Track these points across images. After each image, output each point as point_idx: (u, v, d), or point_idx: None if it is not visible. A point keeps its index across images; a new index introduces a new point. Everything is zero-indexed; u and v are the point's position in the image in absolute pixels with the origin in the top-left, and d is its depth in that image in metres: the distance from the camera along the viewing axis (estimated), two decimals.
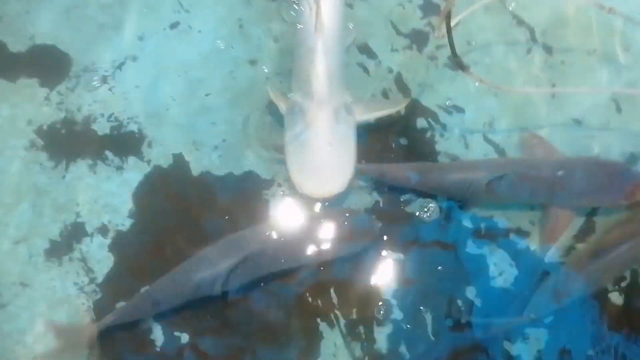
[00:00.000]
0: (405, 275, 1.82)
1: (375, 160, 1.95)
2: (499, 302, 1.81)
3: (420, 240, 1.86)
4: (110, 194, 1.96)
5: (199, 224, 1.90)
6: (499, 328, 1.78)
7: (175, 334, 1.79)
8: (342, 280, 1.82)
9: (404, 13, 2.17)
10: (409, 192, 1.91)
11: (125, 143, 2.02)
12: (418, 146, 2.00)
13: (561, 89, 2.04)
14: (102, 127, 2.03)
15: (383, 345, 1.78)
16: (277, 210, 1.91)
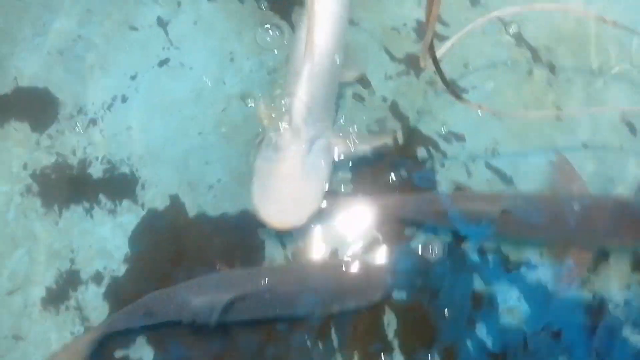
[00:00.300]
0: (411, 319, 1.75)
1: (373, 194, 1.88)
2: (510, 341, 1.72)
3: (426, 280, 1.78)
4: (104, 239, 1.93)
5: (195, 268, 1.85)
6: None
7: None
8: (342, 322, 1.76)
9: (398, 37, 2.11)
10: (411, 227, 1.85)
11: (118, 186, 1.99)
12: (418, 177, 1.93)
13: (566, 112, 1.94)
14: (95, 170, 2.00)
15: None
16: (274, 251, 1.85)
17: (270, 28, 2.12)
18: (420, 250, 1.81)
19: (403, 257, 1.80)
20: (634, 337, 1.73)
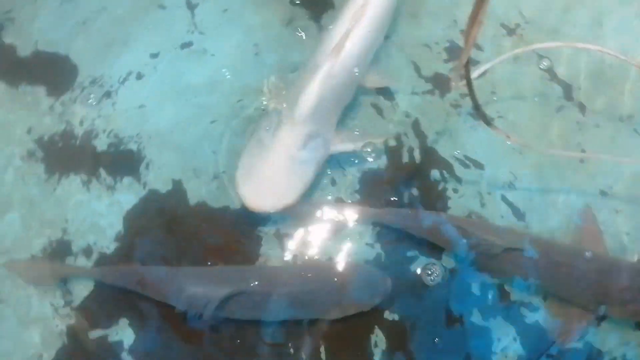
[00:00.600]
0: (400, 343, 1.69)
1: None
2: None
3: (421, 304, 1.72)
4: (99, 214, 1.90)
5: (187, 257, 1.80)
6: None
7: None
8: (333, 342, 1.69)
9: (428, 55, 2.06)
10: (414, 249, 1.78)
11: (122, 162, 1.95)
12: (429, 198, 1.87)
13: (592, 156, 1.87)
14: (100, 143, 1.98)
15: None
16: (269, 252, 1.80)
17: (299, 25, 2.08)
18: (419, 272, 1.74)
19: (402, 277, 1.74)
20: None
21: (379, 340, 1.69)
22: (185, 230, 1.85)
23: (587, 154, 1.89)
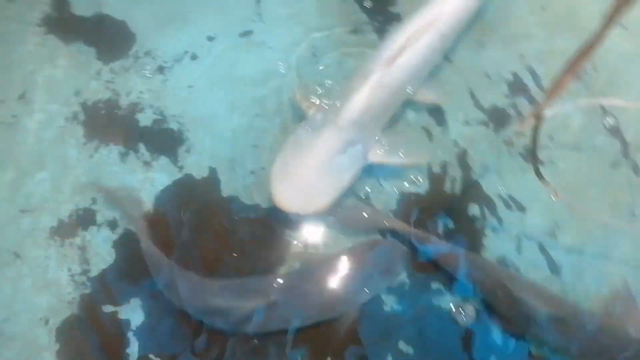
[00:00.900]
0: None
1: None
2: None
3: (449, 346, 1.66)
4: (131, 188, 1.85)
5: (210, 248, 1.77)
6: None
7: None
8: None
9: (489, 86, 1.99)
10: (442, 281, 1.73)
11: (162, 141, 1.93)
12: (465, 233, 1.81)
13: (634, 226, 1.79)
14: (145, 117, 1.95)
15: None
16: (292, 257, 1.76)
17: (361, 34, 2.02)
18: (453, 309, 1.69)
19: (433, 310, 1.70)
20: None
21: None
22: (211, 220, 1.81)
23: (633, 224, 1.80)
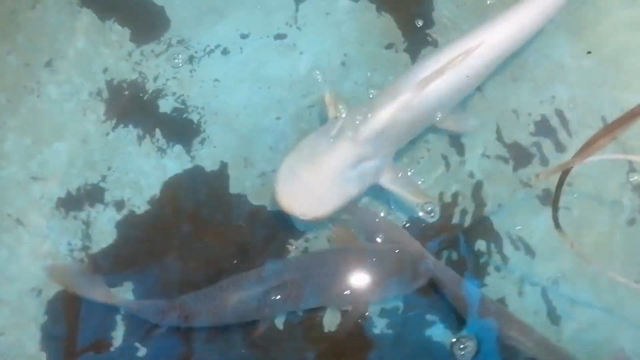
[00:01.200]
0: None
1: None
2: None
3: None
4: (142, 172, 1.88)
5: (210, 244, 1.77)
6: None
7: None
8: None
9: (514, 122, 1.96)
10: (446, 314, 1.69)
11: (179, 129, 1.93)
12: (467, 267, 1.77)
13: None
14: (166, 104, 1.96)
15: None
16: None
17: (395, 51, 2.00)
18: (452, 341, 1.66)
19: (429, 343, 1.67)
20: None
21: None
22: (215, 214, 1.81)
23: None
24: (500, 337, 1.61)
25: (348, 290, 1.65)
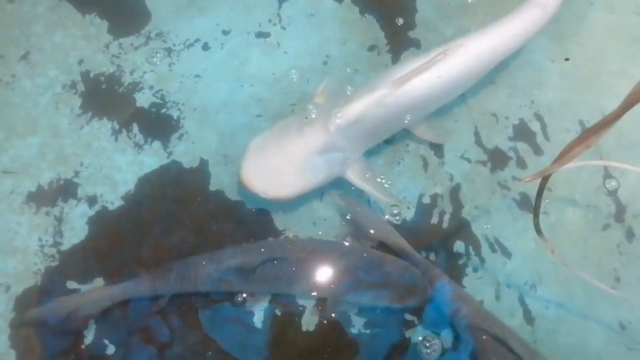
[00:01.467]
0: None
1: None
2: None
3: None
4: (117, 167, 1.84)
5: (187, 241, 1.74)
6: None
7: None
8: None
9: (493, 126, 1.98)
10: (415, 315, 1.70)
11: (158, 125, 1.90)
12: (445, 268, 1.77)
13: (623, 295, 1.73)
14: (143, 98, 1.92)
15: None
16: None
17: (377, 53, 2.00)
18: (418, 341, 1.66)
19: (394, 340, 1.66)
20: None
21: None
22: (193, 210, 1.78)
23: (617, 293, 1.73)
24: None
25: (331, 283, 1.65)
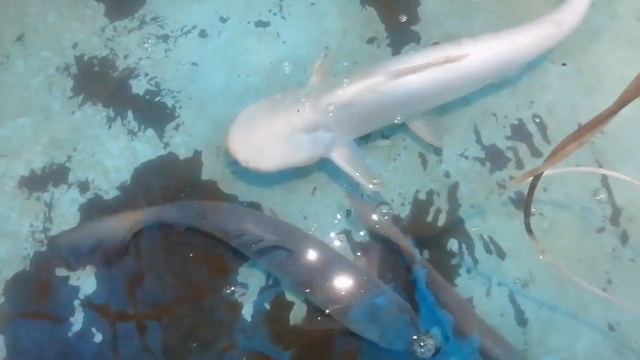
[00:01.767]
0: None
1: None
2: None
3: None
4: (109, 154, 1.82)
5: (177, 230, 1.71)
6: None
7: None
8: None
9: (493, 125, 1.97)
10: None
11: (153, 113, 1.88)
12: (438, 267, 1.76)
13: (615, 299, 1.73)
14: (138, 85, 1.90)
15: None
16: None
17: (377, 46, 1.98)
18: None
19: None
20: None
21: None
22: (183, 200, 1.76)
23: (610, 297, 1.73)
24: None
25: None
